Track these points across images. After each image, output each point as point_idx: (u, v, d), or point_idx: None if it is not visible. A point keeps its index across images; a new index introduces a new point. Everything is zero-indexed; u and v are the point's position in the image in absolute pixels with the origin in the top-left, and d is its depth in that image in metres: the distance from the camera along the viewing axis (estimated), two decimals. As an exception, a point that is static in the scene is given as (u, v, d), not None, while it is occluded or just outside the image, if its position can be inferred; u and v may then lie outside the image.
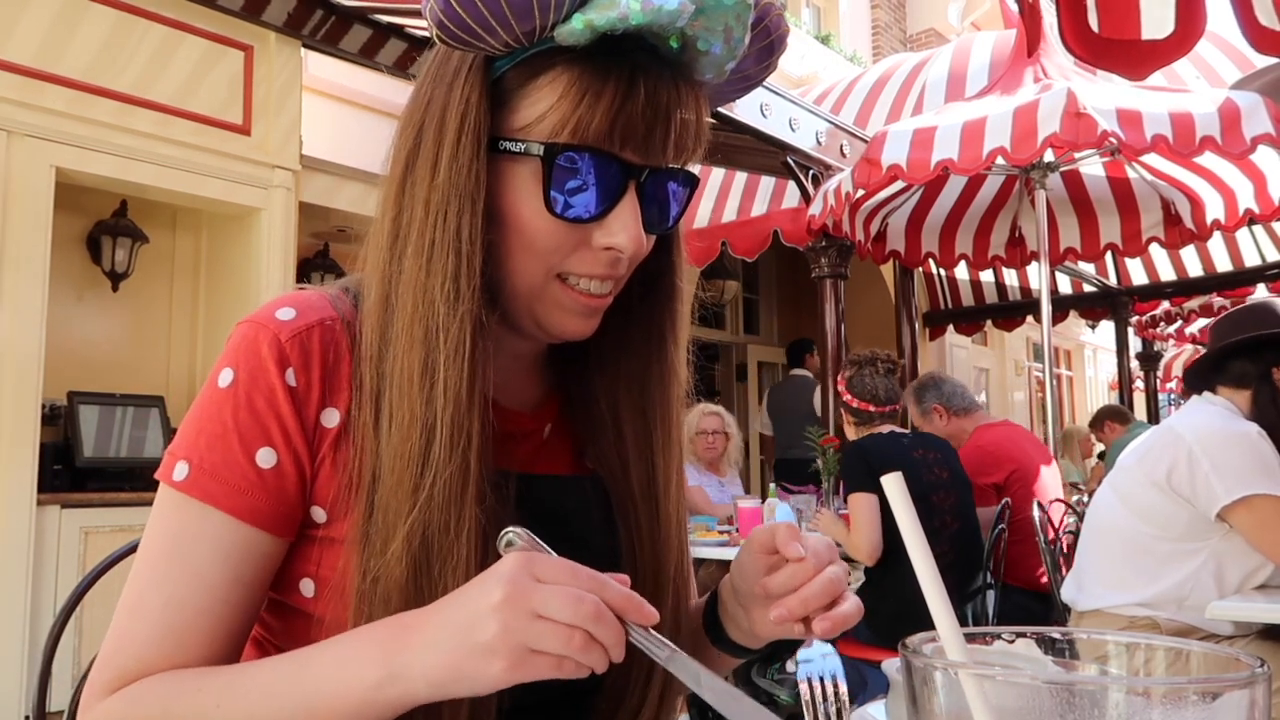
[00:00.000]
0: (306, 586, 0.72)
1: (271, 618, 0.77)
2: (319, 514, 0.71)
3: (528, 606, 0.57)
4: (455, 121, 0.68)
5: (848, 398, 3.28)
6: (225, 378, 0.70)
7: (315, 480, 0.71)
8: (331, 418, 0.71)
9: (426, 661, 0.59)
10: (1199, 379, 2.31)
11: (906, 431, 3.43)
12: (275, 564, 0.72)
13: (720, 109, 4.27)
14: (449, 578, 0.66)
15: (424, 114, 0.71)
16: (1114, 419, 6.29)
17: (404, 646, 0.60)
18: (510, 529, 0.63)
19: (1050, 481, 3.88)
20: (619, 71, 0.67)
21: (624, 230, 0.69)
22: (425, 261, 0.68)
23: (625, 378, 0.81)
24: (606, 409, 0.82)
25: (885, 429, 3.28)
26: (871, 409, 3.26)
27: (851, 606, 0.69)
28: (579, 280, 0.72)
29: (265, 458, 0.69)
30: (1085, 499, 3.98)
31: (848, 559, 3.31)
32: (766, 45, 0.74)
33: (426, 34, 0.66)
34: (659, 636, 0.60)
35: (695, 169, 0.76)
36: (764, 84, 4.41)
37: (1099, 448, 7.33)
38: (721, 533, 3.90)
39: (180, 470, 0.69)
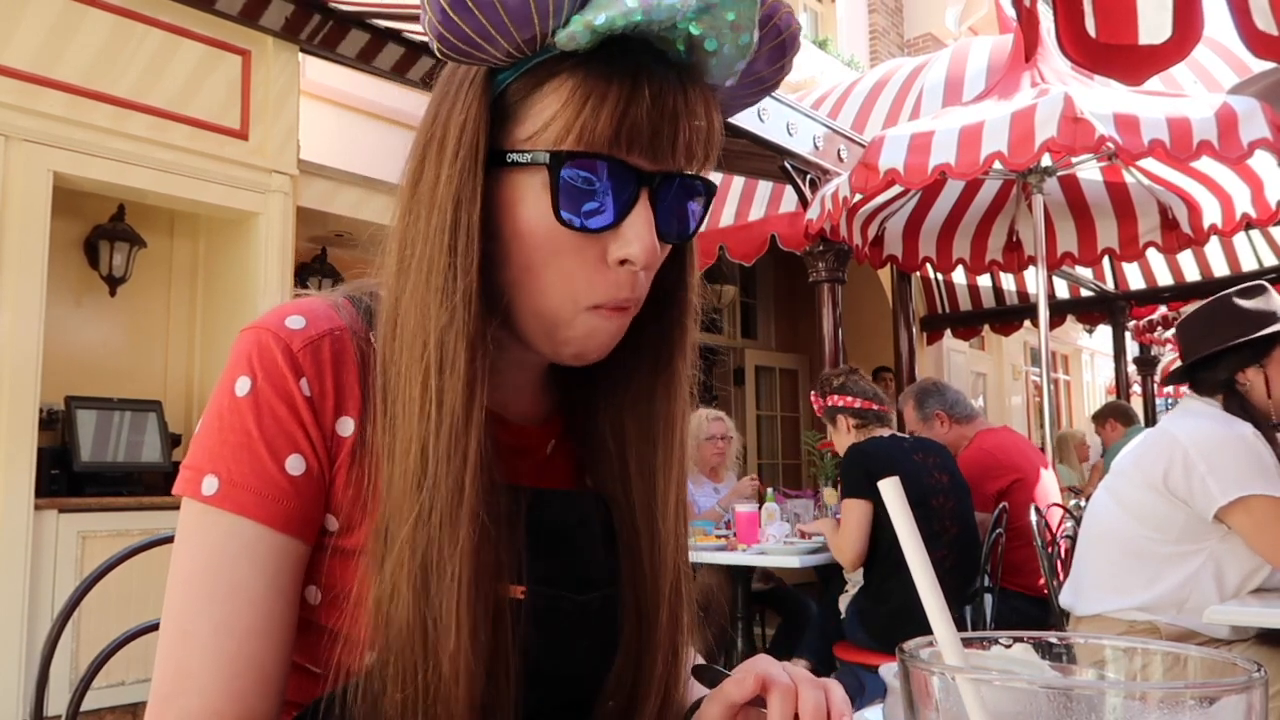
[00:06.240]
0: (312, 594, 0.71)
1: None
2: (331, 522, 0.71)
3: None
4: (455, 135, 0.68)
5: (848, 401, 3.29)
6: (243, 386, 0.69)
7: (331, 488, 0.70)
8: (346, 426, 0.70)
9: None
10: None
11: (906, 435, 3.43)
12: (304, 571, 0.71)
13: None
14: (444, 597, 0.65)
15: (430, 129, 0.71)
16: (1117, 417, 6.26)
17: None
18: None
19: (1049, 486, 3.88)
20: (622, 74, 0.65)
21: (638, 239, 0.67)
22: (426, 276, 0.67)
23: (631, 396, 0.79)
24: (609, 429, 0.80)
25: (885, 432, 3.28)
26: (875, 407, 3.29)
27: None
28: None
29: (294, 464, 0.68)
30: (1082, 503, 3.98)
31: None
32: (778, 45, 0.71)
33: (425, 39, 0.66)
34: None
35: (715, 178, 0.73)
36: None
37: (1095, 449, 7.31)
38: (719, 537, 3.90)
39: (209, 484, 0.67)
